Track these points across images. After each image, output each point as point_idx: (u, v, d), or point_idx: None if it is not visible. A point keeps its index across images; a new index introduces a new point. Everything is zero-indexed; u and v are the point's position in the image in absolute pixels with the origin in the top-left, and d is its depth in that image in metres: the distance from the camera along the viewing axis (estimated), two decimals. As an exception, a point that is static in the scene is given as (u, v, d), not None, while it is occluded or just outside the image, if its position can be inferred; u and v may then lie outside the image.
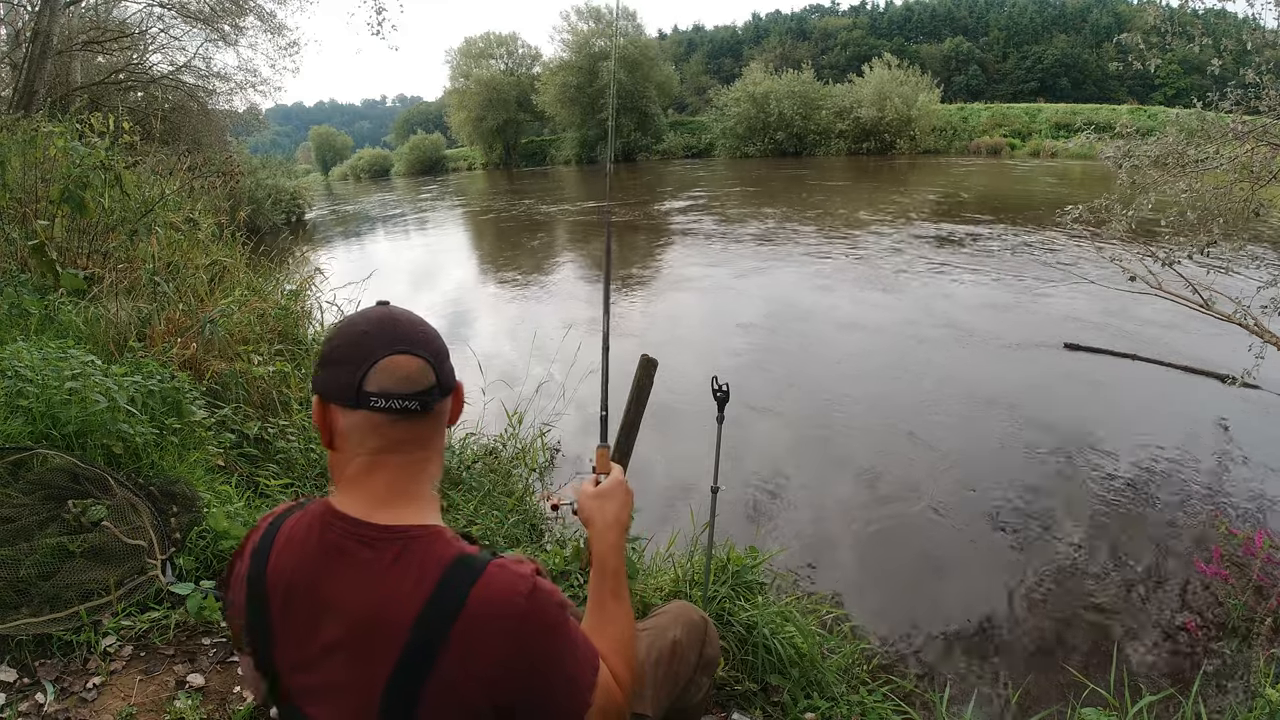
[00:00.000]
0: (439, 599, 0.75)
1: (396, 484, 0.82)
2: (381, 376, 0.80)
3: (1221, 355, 5.10)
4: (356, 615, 0.78)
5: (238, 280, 4.73)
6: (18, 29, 10.98)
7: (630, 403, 1.28)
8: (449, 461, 3.00)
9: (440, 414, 0.85)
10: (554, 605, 0.79)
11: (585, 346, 4.10)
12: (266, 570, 0.84)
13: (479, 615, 0.75)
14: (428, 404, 0.82)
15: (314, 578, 0.81)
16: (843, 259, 10.11)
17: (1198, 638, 2.66)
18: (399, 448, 0.82)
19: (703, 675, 1.35)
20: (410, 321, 0.84)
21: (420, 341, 0.83)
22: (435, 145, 49.43)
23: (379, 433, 0.81)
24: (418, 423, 0.82)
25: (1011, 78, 51.38)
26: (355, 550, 0.79)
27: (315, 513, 0.85)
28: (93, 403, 2.22)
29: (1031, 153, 26.72)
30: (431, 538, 0.80)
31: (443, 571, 0.77)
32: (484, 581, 0.76)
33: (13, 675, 1.72)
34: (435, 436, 0.86)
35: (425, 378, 0.82)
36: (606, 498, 1.07)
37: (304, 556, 0.82)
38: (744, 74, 36.49)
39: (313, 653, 0.81)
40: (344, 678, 0.79)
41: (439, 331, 0.88)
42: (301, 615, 0.81)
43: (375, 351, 0.80)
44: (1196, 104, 4.22)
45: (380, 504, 0.81)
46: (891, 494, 3.89)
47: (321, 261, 10.09)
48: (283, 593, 0.83)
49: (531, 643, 0.77)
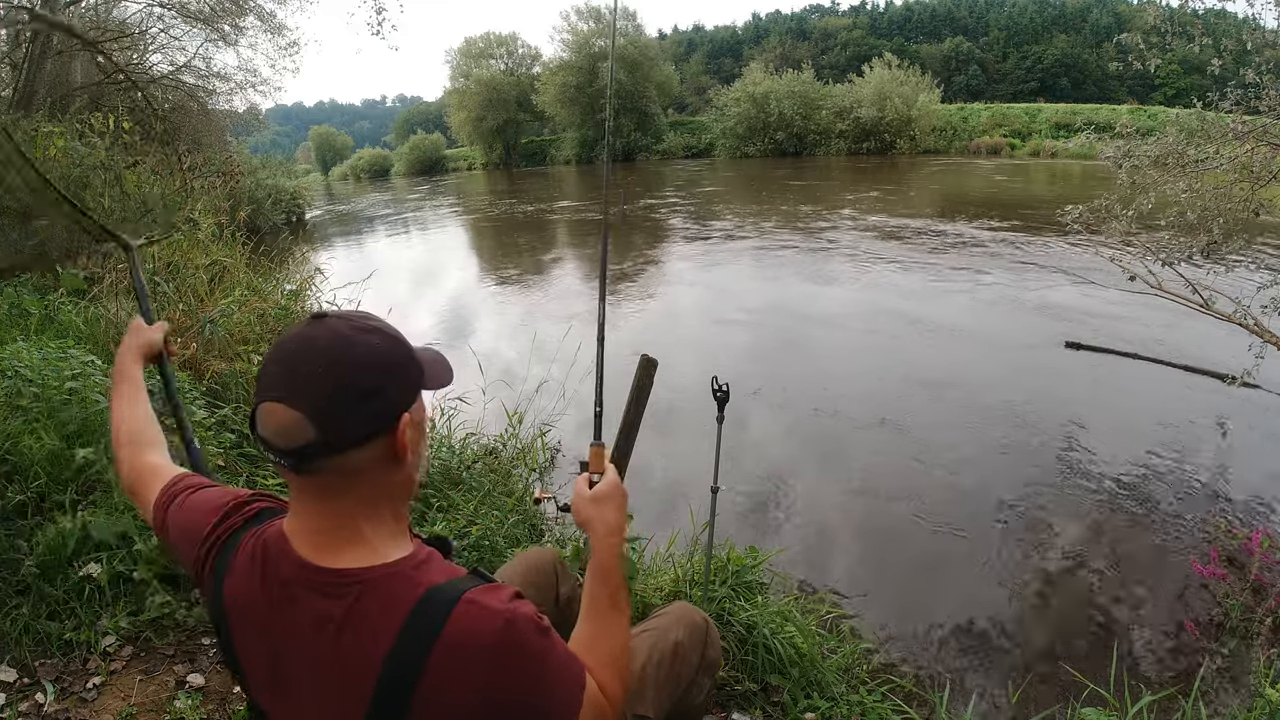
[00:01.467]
0: (403, 648, 0.70)
1: (325, 530, 0.75)
2: (261, 422, 0.72)
3: (1222, 355, 5.10)
4: (315, 663, 0.74)
5: (238, 280, 4.73)
6: (18, 29, 10.97)
7: (630, 403, 1.28)
8: (449, 461, 3.00)
9: (342, 466, 0.72)
10: (533, 634, 0.74)
11: (585, 346, 4.10)
12: (224, 591, 0.80)
13: (446, 658, 0.70)
14: (298, 464, 0.71)
15: (270, 616, 0.76)
16: (842, 258, 10.10)
17: (1197, 638, 2.66)
18: (308, 495, 0.75)
19: (704, 677, 1.35)
20: (313, 355, 0.71)
21: (304, 386, 0.70)
22: (435, 145, 49.40)
23: (284, 477, 0.75)
24: (315, 476, 0.73)
25: (1011, 78, 51.35)
26: (307, 598, 0.74)
27: (271, 540, 0.79)
28: (93, 403, 2.22)
29: (1031, 153, 26.71)
30: (389, 579, 0.73)
31: (406, 616, 0.71)
32: (452, 624, 0.71)
33: (13, 675, 1.72)
34: (354, 485, 0.74)
35: (298, 433, 0.70)
36: (605, 502, 1.02)
37: (259, 591, 0.77)
38: (744, 74, 36.46)
39: (279, 679, 0.78)
40: (316, 712, 0.76)
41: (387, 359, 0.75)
42: (262, 647, 0.78)
43: (261, 390, 0.73)
44: (1196, 104, 4.22)
45: (317, 548, 0.75)
46: (891, 493, 3.89)
47: (322, 261, 10.08)
48: (240, 620, 0.80)
49: (509, 678, 0.72)
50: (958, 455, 4.26)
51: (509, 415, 3.71)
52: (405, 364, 0.77)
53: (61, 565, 1.89)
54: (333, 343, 0.72)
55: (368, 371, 0.73)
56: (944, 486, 3.93)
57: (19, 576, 1.86)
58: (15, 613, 1.81)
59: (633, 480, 1.22)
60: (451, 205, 23.81)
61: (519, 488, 3.17)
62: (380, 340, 0.75)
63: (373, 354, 0.74)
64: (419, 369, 0.79)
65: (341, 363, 0.71)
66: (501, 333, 7.50)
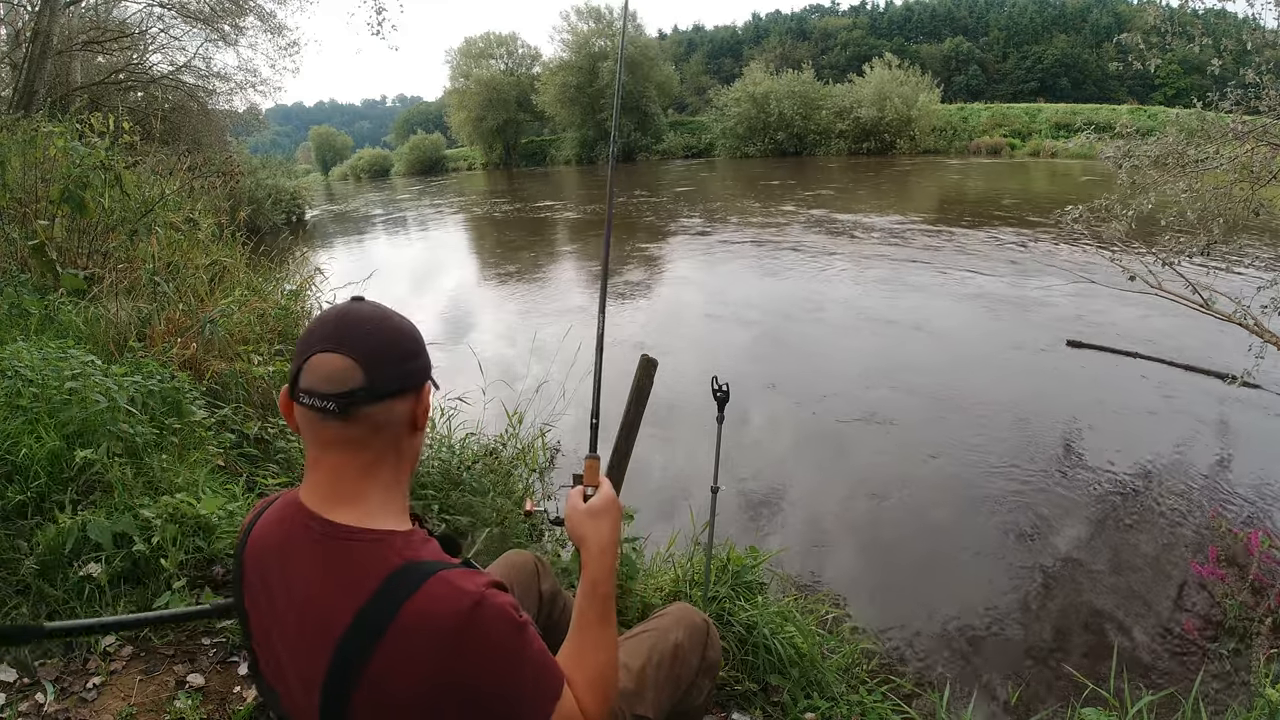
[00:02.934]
0: (372, 608, 0.73)
1: (340, 483, 0.80)
2: (309, 373, 0.77)
3: (1222, 355, 5.11)
4: (300, 609, 0.78)
5: (238, 280, 4.72)
6: (18, 29, 10.98)
7: (630, 403, 1.28)
8: (449, 461, 2.99)
9: (374, 418, 0.78)
10: (504, 623, 0.75)
11: (585, 346, 4.09)
12: (247, 544, 0.86)
13: (408, 629, 0.72)
14: (345, 407, 0.76)
15: (275, 561, 0.82)
16: (842, 258, 10.10)
17: (1197, 638, 2.66)
18: (333, 447, 0.79)
19: (704, 678, 1.35)
20: (361, 319, 0.80)
21: (356, 340, 0.78)
22: (435, 145, 49.41)
23: (313, 430, 0.79)
24: (347, 424, 0.77)
25: (1011, 78, 51.37)
26: (305, 544, 0.79)
27: (289, 498, 0.85)
28: (93, 403, 2.22)
29: (1031, 153, 26.72)
30: (379, 543, 0.77)
31: (382, 580, 0.74)
32: (421, 595, 0.73)
33: (13, 675, 1.72)
34: (376, 439, 0.80)
35: (349, 379, 0.76)
36: (600, 517, 1.00)
37: (271, 538, 0.84)
38: (744, 74, 36.48)
39: (272, 631, 0.82)
40: (290, 665, 0.80)
41: (417, 334, 0.84)
42: (265, 594, 0.83)
43: (312, 346, 0.78)
44: (1196, 104, 4.22)
45: (326, 500, 0.80)
46: (891, 493, 3.89)
47: (322, 261, 10.08)
48: (254, 568, 0.85)
49: (467, 662, 0.72)
50: (958, 455, 4.26)
51: (509, 415, 3.71)
52: (425, 345, 0.87)
53: (61, 565, 1.88)
54: (377, 311, 0.82)
55: (407, 339, 0.83)
56: (944, 486, 3.93)
57: (19, 576, 1.86)
58: (15, 613, 1.81)
59: (633, 480, 1.22)
60: (451, 205, 23.80)
61: (519, 488, 3.17)
62: (408, 323, 0.85)
63: (409, 327, 0.84)
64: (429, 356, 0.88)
65: (388, 328, 0.81)
66: (501, 332, 7.51)
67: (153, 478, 2.20)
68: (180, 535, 1.99)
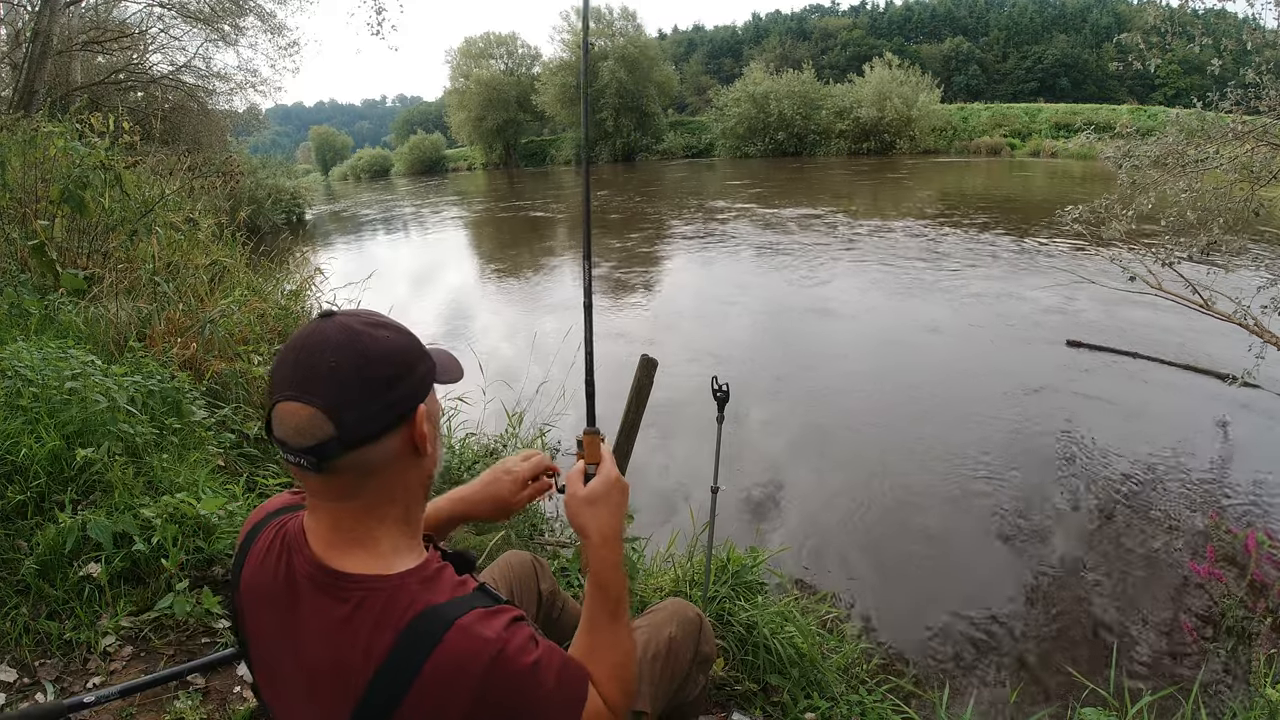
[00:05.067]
0: (390, 669, 0.69)
1: (340, 530, 0.74)
2: (277, 423, 0.70)
3: (1222, 355, 5.11)
4: (313, 662, 0.73)
5: (238, 280, 4.72)
6: (18, 29, 10.98)
7: (630, 403, 1.28)
8: (449, 461, 3.00)
9: (359, 464, 0.71)
10: (524, 664, 0.72)
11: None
12: (241, 575, 0.81)
13: (428, 687, 0.69)
14: (318, 463, 0.69)
15: (277, 606, 0.77)
16: (841, 257, 10.11)
17: (1197, 638, 2.67)
18: (323, 497, 0.74)
19: (699, 672, 1.35)
20: (324, 348, 0.70)
21: (318, 381, 0.69)
22: (435, 145, 49.41)
23: (301, 478, 0.73)
24: (328, 477, 0.71)
25: (1011, 78, 51.37)
26: (313, 595, 0.74)
27: (292, 532, 0.78)
28: (93, 403, 2.22)
29: (1031, 153, 26.72)
30: (391, 591, 0.72)
31: (398, 635, 0.70)
32: (441, 651, 0.69)
33: (13, 675, 1.72)
34: (369, 482, 0.73)
35: (316, 430, 0.68)
36: (600, 503, 0.93)
37: (271, 580, 0.77)
38: (744, 74, 36.51)
39: (277, 673, 0.79)
40: (304, 711, 0.77)
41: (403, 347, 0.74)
42: (267, 635, 0.79)
43: (276, 388, 0.71)
44: (1196, 104, 4.22)
45: (332, 547, 0.74)
46: (891, 492, 3.89)
47: (322, 261, 10.07)
48: (252, 606, 0.80)
49: (496, 708, 0.70)
50: (958, 454, 4.26)
51: (509, 415, 3.71)
52: (417, 356, 0.76)
53: (61, 565, 1.89)
54: (344, 337, 0.71)
55: (381, 364, 0.72)
56: (944, 486, 3.93)
57: (19, 576, 1.86)
58: (15, 613, 1.81)
59: (633, 480, 1.22)
60: (451, 205, 23.80)
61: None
62: (391, 334, 0.75)
63: (385, 347, 0.73)
64: (431, 362, 0.78)
65: (355, 356, 0.70)
66: (501, 332, 7.51)
67: (153, 478, 2.20)
68: (180, 535, 1.99)
